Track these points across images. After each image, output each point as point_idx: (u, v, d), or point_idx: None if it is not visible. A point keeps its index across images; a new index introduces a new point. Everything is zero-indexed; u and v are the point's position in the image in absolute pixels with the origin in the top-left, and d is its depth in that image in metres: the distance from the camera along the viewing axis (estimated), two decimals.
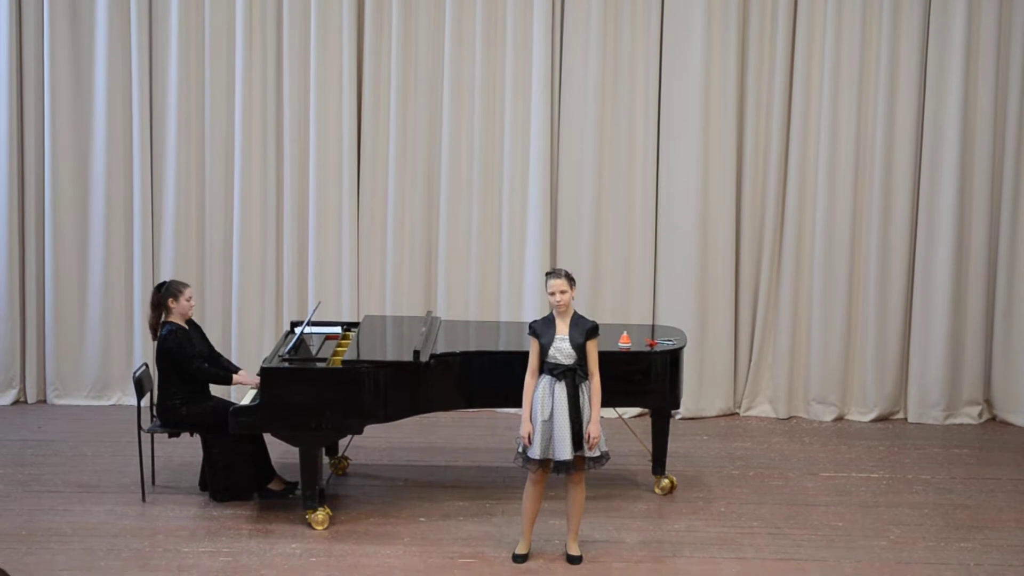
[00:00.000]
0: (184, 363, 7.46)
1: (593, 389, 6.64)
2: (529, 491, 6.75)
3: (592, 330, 6.63)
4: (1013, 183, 9.38)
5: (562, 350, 6.59)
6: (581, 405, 6.60)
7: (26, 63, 9.43)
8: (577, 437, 6.57)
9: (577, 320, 6.66)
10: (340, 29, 9.32)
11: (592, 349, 6.62)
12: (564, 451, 6.56)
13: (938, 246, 9.39)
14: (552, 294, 6.60)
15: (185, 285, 7.66)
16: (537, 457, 6.59)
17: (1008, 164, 9.37)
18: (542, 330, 6.64)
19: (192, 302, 7.68)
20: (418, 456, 8.61)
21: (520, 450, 6.66)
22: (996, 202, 9.45)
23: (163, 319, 7.58)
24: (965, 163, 9.31)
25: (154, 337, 7.61)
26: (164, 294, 7.58)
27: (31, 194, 9.55)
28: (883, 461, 8.68)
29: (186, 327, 7.61)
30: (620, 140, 9.45)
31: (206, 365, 7.55)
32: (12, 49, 9.34)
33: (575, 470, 6.65)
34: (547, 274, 6.72)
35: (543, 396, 6.59)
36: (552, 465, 6.62)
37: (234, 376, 7.61)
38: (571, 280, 6.67)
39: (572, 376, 6.59)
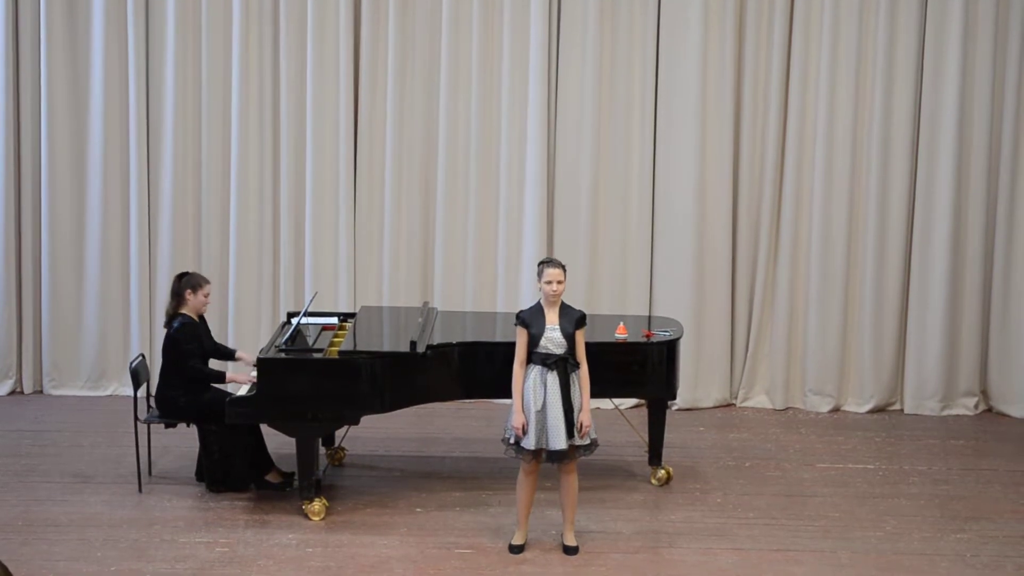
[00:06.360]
0: (183, 359, 7.46)
1: (582, 378, 6.65)
2: (522, 481, 6.75)
3: (581, 319, 6.65)
4: (1010, 175, 9.37)
5: (554, 340, 6.59)
6: (573, 394, 6.60)
7: (22, 53, 9.40)
8: (569, 426, 6.58)
9: (565, 309, 6.67)
10: (337, 19, 9.30)
11: (580, 338, 6.63)
12: (559, 440, 6.56)
13: (935, 237, 9.39)
14: (549, 283, 6.59)
15: (206, 281, 7.66)
16: (532, 448, 6.59)
17: (1005, 156, 9.37)
18: (531, 320, 6.63)
19: (208, 299, 7.68)
20: (415, 447, 8.61)
21: (512, 441, 6.66)
22: (993, 193, 9.45)
23: (178, 310, 7.58)
24: (962, 154, 9.31)
25: (166, 325, 7.62)
26: (183, 284, 7.58)
27: (28, 184, 9.53)
28: (879, 452, 8.68)
29: (196, 321, 7.61)
30: (617, 130, 9.44)
31: (202, 366, 7.53)
32: (9, 39, 9.30)
33: (568, 459, 6.66)
34: (542, 263, 6.68)
35: (535, 386, 6.59)
36: (545, 455, 6.63)
37: (227, 375, 7.61)
38: (565, 270, 6.68)
39: (564, 365, 6.59)
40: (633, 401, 9.24)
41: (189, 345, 7.47)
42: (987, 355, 9.65)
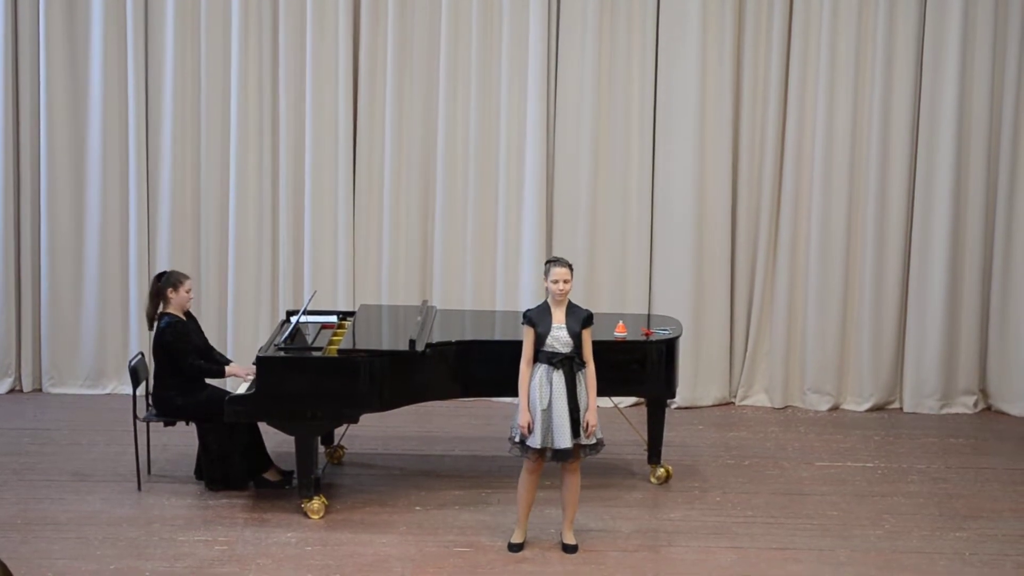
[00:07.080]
0: (179, 358, 7.45)
1: (589, 377, 6.65)
2: (525, 480, 6.76)
3: (588, 319, 6.65)
4: (1009, 172, 9.37)
5: (560, 339, 6.59)
6: (579, 393, 6.61)
7: (22, 53, 9.39)
8: (575, 425, 6.58)
9: (572, 309, 6.67)
10: (337, 19, 9.30)
11: (587, 337, 6.64)
12: (564, 440, 6.57)
13: (934, 235, 9.38)
14: (556, 282, 6.60)
15: (186, 277, 7.65)
16: (537, 446, 6.60)
17: (1004, 153, 9.36)
18: (538, 319, 6.63)
19: (191, 295, 7.67)
20: (414, 445, 8.61)
21: (517, 439, 6.66)
22: (992, 190, 9.45)
23: (161, 310, 7.57)
24: (961, 152, 9.31)
25: (150, 327, 7.61)
26: (164, 284, 7.57)
27: (27, 184, 9.52)
28: (878, 450, 8.69)
29: (184, 319, 7.60)
30: (616, 129, 9.43)
31: (200, 361, 7.54)
32: (8, 39, 9.30)
33: (573, 459, 6.66)
34: (549, 262, 6.69)
35: (541, 385, 6.59)
36: (550, 454, 6.64)
37: (227, 369, 7.61)
38: (571, 269, 6.69)
39: (570, 364, 6.60)
40: (632, 399, 9.24)
41: (182, 343, 7.47)
42: (986, 353, 9.64)
